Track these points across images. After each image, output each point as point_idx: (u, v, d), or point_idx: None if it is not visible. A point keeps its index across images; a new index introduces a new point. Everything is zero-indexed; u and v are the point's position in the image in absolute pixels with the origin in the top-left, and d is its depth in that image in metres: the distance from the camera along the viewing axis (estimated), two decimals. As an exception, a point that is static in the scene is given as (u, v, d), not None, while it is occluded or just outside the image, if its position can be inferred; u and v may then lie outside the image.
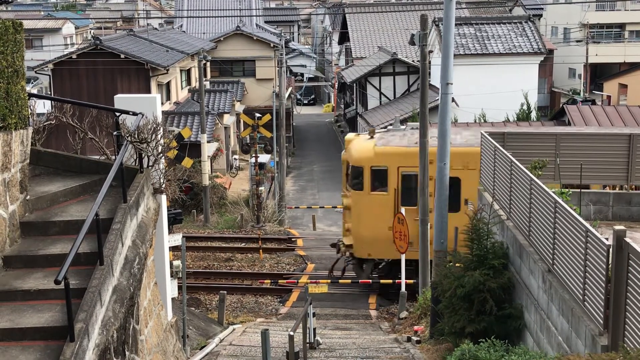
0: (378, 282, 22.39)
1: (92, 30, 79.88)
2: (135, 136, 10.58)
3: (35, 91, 44.14)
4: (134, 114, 10.91)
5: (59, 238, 9.28)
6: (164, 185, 11.71)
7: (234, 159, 45.21)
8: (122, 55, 36.33)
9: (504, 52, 38.36)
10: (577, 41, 58.00)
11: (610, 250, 8.18)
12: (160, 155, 11.52)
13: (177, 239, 14.77)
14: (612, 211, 15.15)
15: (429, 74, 23.04)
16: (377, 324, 19.68)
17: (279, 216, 34.28)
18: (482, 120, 34.53)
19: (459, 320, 12.27)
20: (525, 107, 35.90)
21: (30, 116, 10.49)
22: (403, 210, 19.62)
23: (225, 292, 19.98)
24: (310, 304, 14.87)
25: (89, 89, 35.81)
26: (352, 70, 48.75)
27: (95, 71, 36.14)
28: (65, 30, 72.50)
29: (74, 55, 37.52)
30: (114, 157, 10.66)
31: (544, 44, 39.61)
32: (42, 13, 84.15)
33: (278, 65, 50.40)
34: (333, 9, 72.46)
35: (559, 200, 10.20)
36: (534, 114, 36.17)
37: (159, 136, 11.44)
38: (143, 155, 10.85)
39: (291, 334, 12.03)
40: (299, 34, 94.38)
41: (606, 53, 56.72)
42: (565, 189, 12.75)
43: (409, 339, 15.66)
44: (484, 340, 10.93)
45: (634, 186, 15.81)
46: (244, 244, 28.16)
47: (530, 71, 38.68)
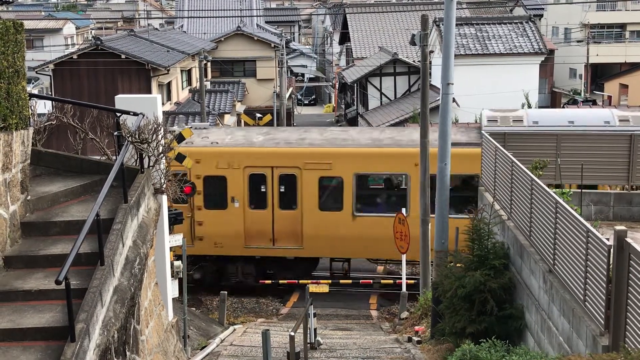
0: (379, 282, 22.40)
1: (93, 31, 79.83)
2: (136, 136, 10.56)
3: (36, 91, 44.19)
4: (135, 114, 10.89)
5: (59, 238, 9.27)
6: (164, 186, 11.71)
7: (235, 159, 45.09)
8: (123, 56, 36.27)
9: (505, 53, 38.30)
10: (578, 41, 57.99)
11: (611, 250, 8.17)
12: (161, 155, 11.52)
13: (178, 239, 14.79)
14: (613, 211, 15.16)
15: (430, 74, 23.04)
16: (378, 324, 19.68)
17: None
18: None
19: (459, 321, 12.27)
20: (526, 107, 35.87)
21: (31, 116, 10.48)
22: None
23: (225, 293, 19.98)
24: (311, 304, 14.87)
25: (90, 89, 35.75)
26: (353, 70, 48.69)
27: (95, 71, 36.10)
28: (66, 31, 72.49)
29: (74, 56, 37.45)
30: (114, 158, 10.66)
31: (545, 44, 39.57)
32: (43, 13, 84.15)
33: (279, 66, 50.50)
34: (334, 9, 72.44)
35: (560, 200, 10.20)
36: (534, 114, 36.13)
37: (160, 136, 11.44)
38: (144, 155, 10.84)
39: (292, 334, 12.03)
40: (299, 34, 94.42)
41: (607, 53, 56.70)
42: (566, 190, 12.76)
43: (409, 339, 15.66)
44: (484, 340, 10.91)
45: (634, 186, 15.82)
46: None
47: (531, 71, 38.61)
